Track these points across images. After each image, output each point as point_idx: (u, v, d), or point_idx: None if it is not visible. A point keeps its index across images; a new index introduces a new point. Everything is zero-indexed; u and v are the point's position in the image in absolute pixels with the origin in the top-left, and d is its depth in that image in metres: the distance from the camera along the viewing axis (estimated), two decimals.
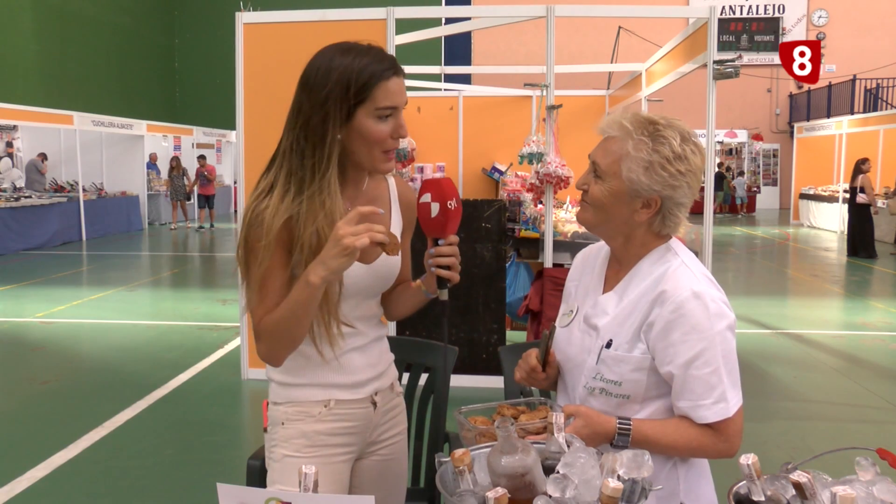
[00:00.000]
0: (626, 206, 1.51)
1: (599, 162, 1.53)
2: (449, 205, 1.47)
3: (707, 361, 1.45)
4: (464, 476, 1.25)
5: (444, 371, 2.14)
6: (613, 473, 1.20)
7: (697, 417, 1.47)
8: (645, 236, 1.55)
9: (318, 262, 1.40)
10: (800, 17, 21.92)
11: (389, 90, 1.46)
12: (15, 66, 15.78)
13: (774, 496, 1.19)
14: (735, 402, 1.47)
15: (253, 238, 1.47)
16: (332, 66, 1.45)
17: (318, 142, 1.46)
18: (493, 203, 5.07)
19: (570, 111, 5.54)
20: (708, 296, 1.47)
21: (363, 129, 1.47)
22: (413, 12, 5.18)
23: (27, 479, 3.59)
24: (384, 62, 1.47)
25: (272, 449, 1.60)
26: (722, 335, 1.46)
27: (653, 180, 1.47)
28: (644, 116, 1.52)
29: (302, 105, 1.48)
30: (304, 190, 1.47)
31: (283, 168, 1.50)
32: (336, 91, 1.44)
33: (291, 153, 1.49)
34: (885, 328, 7.03)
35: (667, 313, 1.47)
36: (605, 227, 1.57)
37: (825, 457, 1.33)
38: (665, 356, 1.47)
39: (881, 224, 13.16)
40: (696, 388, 1.45)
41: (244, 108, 5.03)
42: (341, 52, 1.47)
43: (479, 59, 21.25)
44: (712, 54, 4.75)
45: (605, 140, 1.54)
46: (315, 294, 1.42)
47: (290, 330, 1.48)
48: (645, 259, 1.56)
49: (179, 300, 8.50)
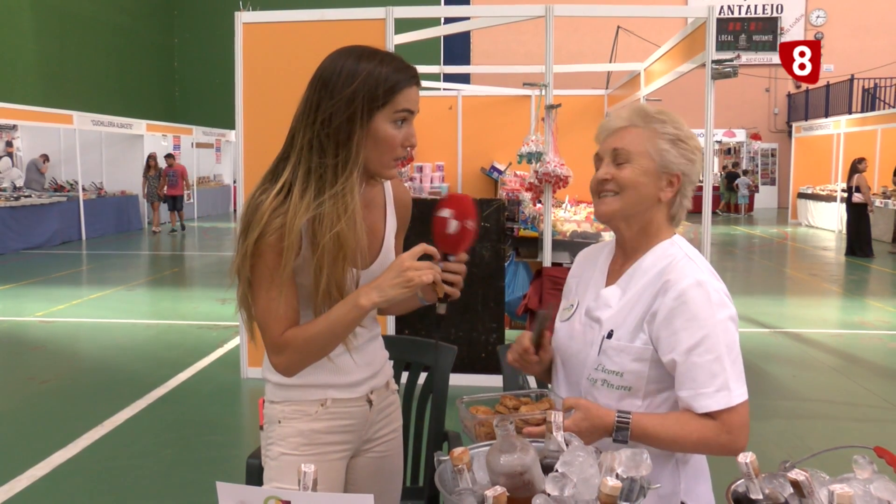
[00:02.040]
0: (654, 185, 1.56)
1: (625, 146, 1.56)
2: (467, 224, 1.48)
3: (709, 349, 1.45)
4: (463, 475, 1.25)
5: (438, 371, 2.14)
6: (612, 472, 1.20)
7: (699, 406, 1.45)
8: (661, 222, 1.60)
9: (372, 287, 1.43)
10: (798, 16, 21.93)
11: (410, 97, 1.49)
12: (14, 65, 15.78)
13: (772, 495, 1.19)
14: (738, 393, 1.46)
15: (265, 244, 1.43)
16: (359, 68, 1.45)
17: (343, 140, 1.45)
18: (492, 202, 5.07)
19: (569, 111, 5.55)
20: (710, 285, 1.49)
21: (379, 133, 1.47)
22: (412, 12, 5.18)
23: (27, 478, 3.60)
24: (409, 70, 1.50)
25: (269, 447, 1.60)
26: (724, 325, 1.48)
27: (680, 153, 1.56)
28: (649, 107, 1.62)
29: (321, 103, 1.46)
30: (327, 189, 1.45)
31: (302, 166, 1.47)
32: (363, 92, 1.44)
33: (311, 151, 1.47)
34: (883, 327, 7.05)
35: (669, 301, 1.49)
36: (631, 212, 1.58)
37: (823, 455, 1.33)
38: (668, 344, 1.48)
39: (879, 223, 13.18)
40: (697, 375, 1.45)
41: (243, 107, 5.04)
42: (367, 55, 1.48)
43: (478, 59, 21.25)
44: (711, 54, 4.76)
45: (618, 131, 1.59)
46: (362, 316, 1.45)
47: (325, 347, 1.49)
48: (649, 253, 1.59)
49: (179, 299, 8.50)
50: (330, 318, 1.46)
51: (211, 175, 21.51)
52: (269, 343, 1.50)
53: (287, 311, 1.48)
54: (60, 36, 17.39)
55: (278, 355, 1.50)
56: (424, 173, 8.09)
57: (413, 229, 1.83)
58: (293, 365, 1.51)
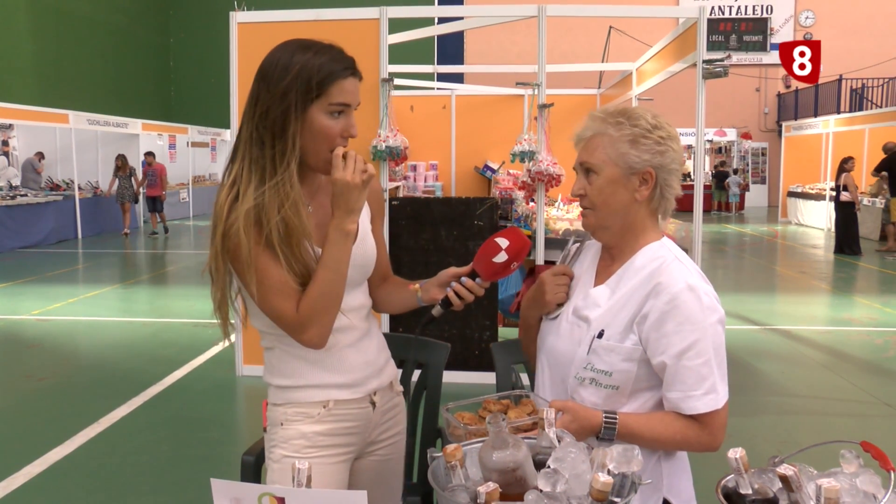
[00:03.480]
0: (626, 189, 1.56)
1: (588, 160, 1.58)
2: (513, 265, 1.57)
3: (699, 352, 1.48)
4: (455, 471, 1.25)
5: (432, 368, 2.17)
6: (603, 468, 1.21)
7: (687, 408, 1.49)
8: (645, 220, 1.60)
9: (345, 211, 1.46)
10: (787, 17, 22.04)
11: (344, 88, 1.49)
12: (11, 65, 15.73)
13: (761, 489, 1.21)
14: (724, 395, 1.50)
15: (229, 239, 1.47)
16: (293, 60, 1.47)
17: (278, 132, 1.47)
18: (485, 201, 5.10)
19: (561, 110, 5.57)
20: (701, 289, 1.51)
21: (314, 124, 1.48)
22: (406, 12, 5.21)
23: (23, 475, 3.62)
24: (343, 62, 1.50)
25: (271, 449, 1.60)
26: (714, 328, 1.50)
27: (641, 150, 1.54)
28: (611, 108, 1.61)
29: (260, 96, 1.49)
30: (267, 180, 1.48)
31: (246, 158, 1.50)
32: (296, 84, 1.46)
33: (251, 143, 1.50)
34: (870, 324, 7.12)
35: (661, 304, 1.50)
36: (610, 223, 1.60)
37: (811, 450, 1.36)
38: (658, 346, 1.50)
39: (866, 221, 13.29)
40: (687, 378, 1.48)
41: (239, 106, 5.05)
42: (302, 48, 1.49)
43: (471, 59, 21.21)
44: (702, 54, 4.80)
45: (586, 143, 1.60)
46: (351, 243, 1.50)
47: (338, 292, 1.50)
48: (639, 254, 1.59)
49: (174, 297, 8.50)
50: (328, 263, 1.48)
51: (206, 174, 21.48)
52: (289, 326, 1.50)
53: (284, 288, 1.48)
54: (57, 36, 17.32)
55: (304, 331, 1.49)
56: (418, 172, 8.12)
57: (407, 227, 1.87)
58: (323, 327, 1.50)
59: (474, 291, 1.56)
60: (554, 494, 1.18)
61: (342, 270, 1.49)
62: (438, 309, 1.60)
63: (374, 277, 1.72)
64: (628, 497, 1.20)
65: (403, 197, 6.42)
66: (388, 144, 4.80)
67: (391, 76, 4.91)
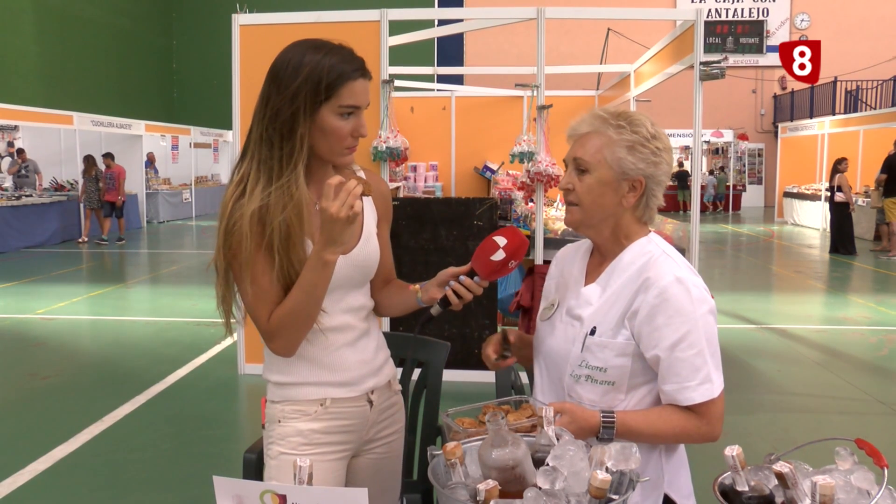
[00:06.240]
0: (615, 193, 1.57)
1: (583, 156, 1.58)
2: (511, 264, 1.56)
3: (691, 344, 1.49)
4: (455, 469, 1.26)
5: (431, 367, 2.21)
6: (602, 465, 1.21)
7: (684, 399, 1.50)
8: (630, 225, 1.61)
9: (327, 242, 1.43)
10: (783, 20, 22.13)
11: (355, 90, 1.49)
12: (16, 67, 15.83)
13: (758, 486, 1.22)
14: (719, 384, 1.51)
15: (232, 236, 1.48)
16: (304, 61, 1.47)
17: (287, 134, 1.48)
18: (484, 201, 5.14)
19: (560, 111, 5.60)
20: (690, 281, 1.52)
21: (325, 126, 1.49)
22: (406, 14, 5.26)
23: (28, 472, 3.65)
24: (353, 63, 1.50)
25: (269, 446, 1.61)
26: (704, 318, 1.51)
27: (637, 158, 1.55)
28: (612, 109, 1.61)
29: (270, 97, 1.50)
30: (274, 181, 1.49)
31: (255, 158, 1.52)
32: (306, 86, 1.46)
33: (261, 143, 1.51)
34: (865, 322, 7.18)
35: (651, 298, 1.51)
36: (595, 222, 1.61)
37: (806, 447, 1.37)
38: (650, 340, 1.51)
39: (861, 221, 13.34)
40: (681, 370, 1.49)
41: (241, 108, 5.09)
42: (313, 48, 1.49)
43: (471, 60, 21.22)
44: (699, 56, 4.85)
45: (581, 138, 1.61)
46: (330, 272, 1.47)
47: (308, 313, 1.50)
48: (627, 251, 1.60)
49: (177, 297, 8.53)
50: (303, 285, 1.47)
51: (209, 175, 21.58)
52: (261, 331, 1.53)
53: (267, 296, 1.50)
54: (61, 38, 17.40)
55: (273, 340, 1.52)
56: (419, 172, 8.15)
57: (407, 227, 1.89)
58: (289, 343, 1.53)
59: (473, 290, 1.57)
60: (553, 492, 1.19)
61: (316, 295, 1.49)
62: (437, 308, 1.60)
63: (377, 279, 1.73)
64: (626, 494, 1.21)
65: (404, 197, 6.45)
66: (389, 145, 4.85)
67: (391, 78, 4.95)
